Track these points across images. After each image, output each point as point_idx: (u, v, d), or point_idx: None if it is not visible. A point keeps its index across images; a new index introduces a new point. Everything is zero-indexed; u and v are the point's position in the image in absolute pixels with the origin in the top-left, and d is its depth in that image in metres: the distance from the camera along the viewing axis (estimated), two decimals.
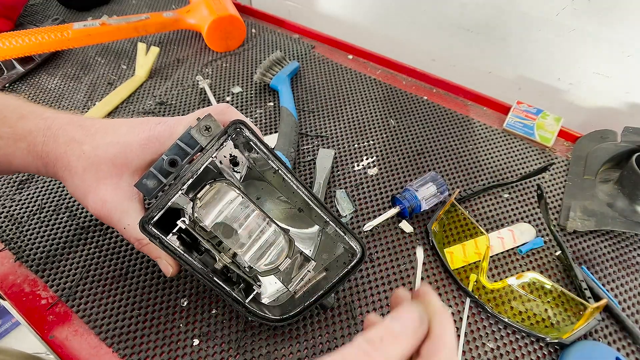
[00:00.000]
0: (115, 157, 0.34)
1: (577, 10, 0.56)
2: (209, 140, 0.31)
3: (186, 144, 0.32)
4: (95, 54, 0.72)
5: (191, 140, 0.32)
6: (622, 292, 0.43)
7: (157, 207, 0.31)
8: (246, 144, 0.33)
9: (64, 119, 0.36)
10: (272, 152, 0.33)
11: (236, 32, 0.72)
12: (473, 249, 0.45)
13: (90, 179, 0.34)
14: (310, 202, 0.34)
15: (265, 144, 0.33)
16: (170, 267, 0.36)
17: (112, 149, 0.34)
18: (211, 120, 0.31)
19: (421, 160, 0.55)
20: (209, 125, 0.31)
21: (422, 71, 0.67)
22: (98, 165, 0.34)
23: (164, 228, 0.32)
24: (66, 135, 0.35)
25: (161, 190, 0.32)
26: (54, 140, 0.35)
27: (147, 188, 0.32)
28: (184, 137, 0.32)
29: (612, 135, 0.55)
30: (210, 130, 0.31)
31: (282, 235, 0.35)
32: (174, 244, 0.32)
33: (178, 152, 0.32)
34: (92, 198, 0.34)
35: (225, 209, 0.33)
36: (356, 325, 0.40)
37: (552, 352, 0.39)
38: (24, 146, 0.35)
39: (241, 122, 0.31)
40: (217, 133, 0.31)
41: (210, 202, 0.33)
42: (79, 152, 0.34)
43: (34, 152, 0.35)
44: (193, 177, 0.31)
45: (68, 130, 0.35)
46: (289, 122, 0.56)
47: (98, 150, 0.34)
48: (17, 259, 0.44)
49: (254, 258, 0.34)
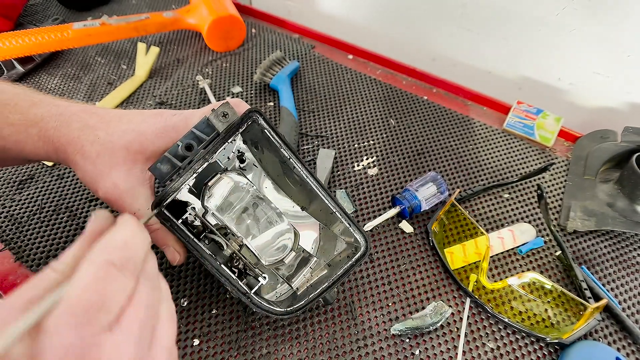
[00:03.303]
0: (130, 144, 0.34)
1: (577, 10, 0.56)
2: (226, 125, 0.31)
3: (201, 132, 0.32)
4: (95, 54, 0.72)
5: (206, 128, 0.32)
6: (622, 292, 0.43)
7: (171, 190, 0.31)
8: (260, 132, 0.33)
9: (77, 106, 0.36)
10: (285, 141, 0.34)
11: (236, 32, 0.72)
12: (473, 249, 0.45)
13: (103, 164, 0.34)
14: (318, 192, 0.35)
15: (278, 133, 0.33)
16: (178, 254, 0.35)
17: (127, 136, 0.34)
18: (229, 107, 0.32)
19: (421, 160, 0.55)
20: (227, 111, 0.31)
21: (422, 71, 0.67)
22: (112, 151, 0.34)
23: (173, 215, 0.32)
24: (80, 121, 0.35)
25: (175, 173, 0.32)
26: (66, 125, 0.34)
27: (161, 172, 0.32)
28: (199, 125, 0.32)
29: (612, 135, 0.55)
30: (227, 117, 0.31)
31: (291, 228, 0.35)
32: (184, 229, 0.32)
33: (193, 138, 0.32)
34: (104, 183, 0.34)
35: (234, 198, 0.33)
36: (356, 325, 0.40)
37: (552, 352, 0.39)
38: (35, 132, 0.35)
39: (257, 111, 0.32)
40: (234, 119, 0.31)
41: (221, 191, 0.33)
42: (93, 138, 0.34)
43: (45, 137, 0.35)
44: (208, 161, 0.31)
45: (82, 116, 0.35)
46: (289, 122, 0.56)
47: (113, 137, 0.34)
48: (17, 259, 0.44)
49: (261, 249, 0.34)
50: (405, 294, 0.42)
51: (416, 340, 0.39)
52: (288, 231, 0.35)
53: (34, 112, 0.35)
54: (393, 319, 0.40)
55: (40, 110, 0.35)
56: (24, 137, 0.35)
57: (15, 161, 0.39)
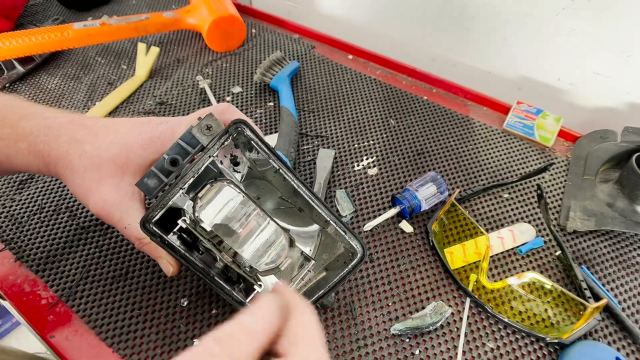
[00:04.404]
0: (116, 157, 0.34)
1: (577, 10, 0.56)
2: (210, 139, 0.31)
3: (187, 143, 0.32)
4: (96, 54, 0.72)
5: (192, 140, 0.32)
6: (622, 292, 0.43)
7: (158, 206, 0.31)
8: (247, 143, 0.33)
9: (65, 118, 0.36)
10: (273, 151, 0.33)
11: (236, 32, 0.72)
12: (473, 249, 0.45)
13: (91, 179, 0.34)
14: (311, 202, 0.34)
15: (266, 143, 0.33)
16: (171, 266, 0.36)
17: (113, 149, 0.34)
18: (212, 119, 0.31)
19: (421, 160, 0.55)
20: (210, 124, 0.31)
21: (422, 71, 0.67)
22: (99, 165, 0.34)
23: (164, 227, 0.32)
24: (67, 135, 0.35)
25: (162, 189, 0.32)
26: (55, 140, 0.35)
27: (148, 187, 0.32)
28: (185, 136, 0.32)
29: (612, 135, 0.55)
30: (211, 130, 0.31)
31: (283, 234, 0.35)
32: (175, 243, 0.32)
33: (179, 151, 0.32)
34: (93, 198, 0.34)
35: (225, 208, 0.33)
36: (356, 325, 0.40)
37: (552, 352, 0.39)
38: (25, 146, 0.35)
39: (242, 122, 0.31)
40: (218, 132, 0.31)
41: (211, 201, 0.33)
42: (81, 152, 0.34)
43: (35, 151, 0.35)
44: (194, 177, 0.31)
45: (69, 129, 0.35)
46: (289, 122, 0.56)
47: (99, 150, 0.34)
48: (17, 259, 0.44)
49: (254, 257, 0.34)
50: (405, 293, 0.42)
51: (416, 340, 0.39)
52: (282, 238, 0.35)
53: (23, 126, 0.35)
54: (393, 319, 0.40)
55: (29, 123, 0.35)
56: (14, 151, 0.35)
57: (7, 172, 0.39)
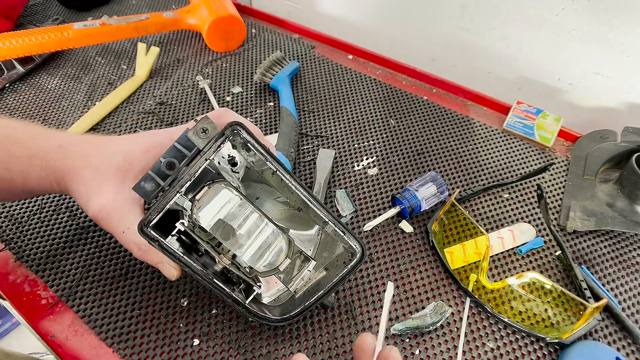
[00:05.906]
0: (119, 164, 0.35)
1: (576, 11, 0.56)
2: (206, 142, 0.31)
3: (183, 146, 0.32)
4: (96, 54, 0.72)
5: (188, 142, 0.32)
6: (622, 292, 0.43)
7: (155, 210, 0.30)
8: (244, 144, 0.33)
9: (76, 137, 0.38)
10: (270, 153, 0.33)
11: (236, 32, 0.72)
12: (473, 249, 0.45)
13: (93, 186, 0.35)
14: (309, 203, 0.34)
15: (263, 145, 0.33)
16: (174, 270, 0.36)
17: (117, 157, 0.35)
18: (208, 122, 0.31)
19: (421, 160, 0.55)
20: (206, 127, 0.31)
21: (422, 71, 0.67)
22: (103, 173, 0.35)
23: (162, 231, 0.32)
24: (77, 151, 0.36)
25: (159, 193, 0.32)
26: (65, 156, 0.36)
27: (145, 190, 0.32)
28: (181, 138, 0.32)
29: (612, 135, 0.55)
30: (207, 132, 0.31)
31: (281, 235, 0.35)
32: (173, 246, 0.32)
33: (176, 154, 0.32)
34: (92, 202, 0.35)
35: (223, 210, 0.33)
36: (356, 325, 0.40)
37: (552, 352, 0.39)
38: (38, 163, 0.36)
39: (238, 124, 0.31)
40: (214, 135, 0.31)
41: (209, 204, 0.33)
42: (86, 164, 0.35)
43: (48, 167, 0.36)
44: (190, 180, 0.31)
45: (79, 146, 0.36)
46: (289, 122, 0.56)
47: (104, 160, 0.35)
48: (17, 259, 0.44)
49: (253, 259, 0.34)
50: (405, 294, 0.42)
51: (416, 340, 0.39)
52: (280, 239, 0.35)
53: (35, 145, 0.37)
54: (393, 319, 0.40)
55: (40, 141, 0.37)
56: (27, 166, 0.36)
57: (22, 194, 0.40)
